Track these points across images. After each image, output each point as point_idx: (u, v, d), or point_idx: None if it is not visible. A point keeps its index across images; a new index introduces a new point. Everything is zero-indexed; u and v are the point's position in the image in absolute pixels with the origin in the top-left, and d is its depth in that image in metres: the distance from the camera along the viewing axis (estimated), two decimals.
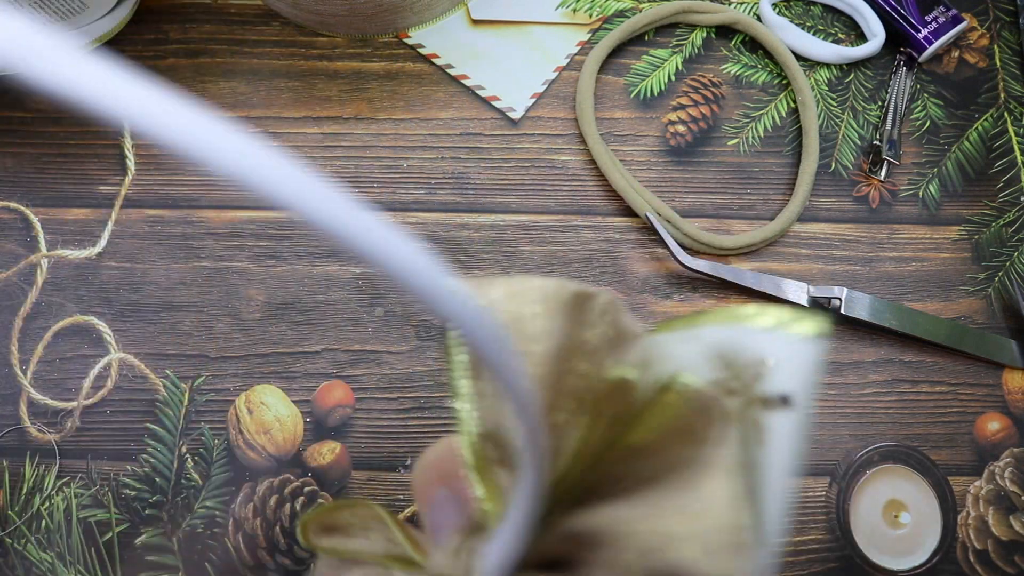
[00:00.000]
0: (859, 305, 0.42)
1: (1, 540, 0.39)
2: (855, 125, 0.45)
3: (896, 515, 0.41)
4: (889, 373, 0.42)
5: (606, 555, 0.15)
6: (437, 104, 0.45)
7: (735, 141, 0.45)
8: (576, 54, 0.46)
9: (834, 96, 0.46)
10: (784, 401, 0.15)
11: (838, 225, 0.44)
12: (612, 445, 0.16)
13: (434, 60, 0.45)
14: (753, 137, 0.45)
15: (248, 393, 0.41)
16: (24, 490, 0.39)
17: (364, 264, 0.41)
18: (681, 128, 0.45)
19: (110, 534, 0.39)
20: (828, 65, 0.46)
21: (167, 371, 0.41)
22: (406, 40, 0.45)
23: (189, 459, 0.40)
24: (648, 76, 0.46)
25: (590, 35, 0.46)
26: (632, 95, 0.45)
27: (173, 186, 0.43)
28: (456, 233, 0.43)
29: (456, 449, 0.17)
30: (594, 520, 0.15)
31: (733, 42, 0.46)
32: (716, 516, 0.14)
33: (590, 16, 0.46)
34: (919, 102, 0.46)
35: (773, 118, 0.45)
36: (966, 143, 0.46)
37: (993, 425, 0.42)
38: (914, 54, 0.46)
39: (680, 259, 0.41)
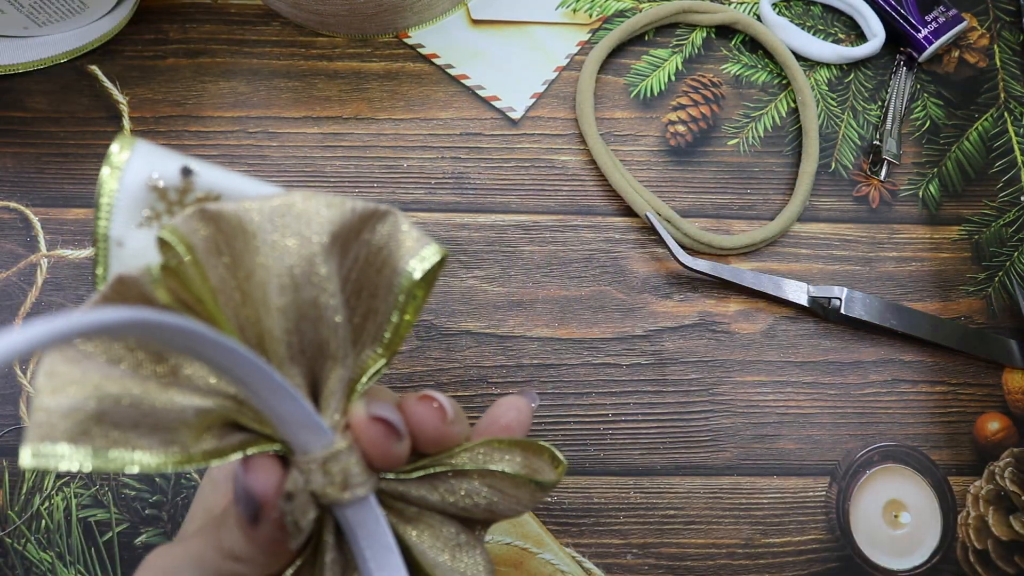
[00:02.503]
0: (859, 305, 0.42)
1: (1, 540, 0.39)
2: (855, 125, 0.45)
3: (896, 515, 0.41)
4: (889, 373, 0.42)
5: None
6: (437, 104, 0.45)
7: (735, 141, 0.45)
8: (576, 54, 0.46)
9: (834, 96, 0.46)
10: (187, 172, 0.20)
11: (838, 225, 0.44)
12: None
13: (434, 60, 0.45)
14: (753, 137, 0.45)
15: None
16: (24, 490, 0.39)
17: None
18: (681, 128, 0.45)
19: (110, 534, 0.39)
20: (828, 65, 0.46)
21: None
22: (406, 40, 0.45)
23: None
24: (648, 76, 0.46)
25: (590, 35, 0.46)
26: (632, 95, 0.45)
27: None
28: (456, 233, 0.43)
29: None
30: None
31: (733, 42, 0.46)
32: (322, 205, 0.19)
33: (590, 16, 0.46)
34: (919, 102, 0.46)
35: (773, 118, 0.45)
36: (966, 143, 0.46)
37: (993, 425, 0.42)
38: (914, 54, 0.46)
39: (680, 259, 0.41)
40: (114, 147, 0.19)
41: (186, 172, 0.19)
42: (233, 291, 0.19)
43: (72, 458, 0.16)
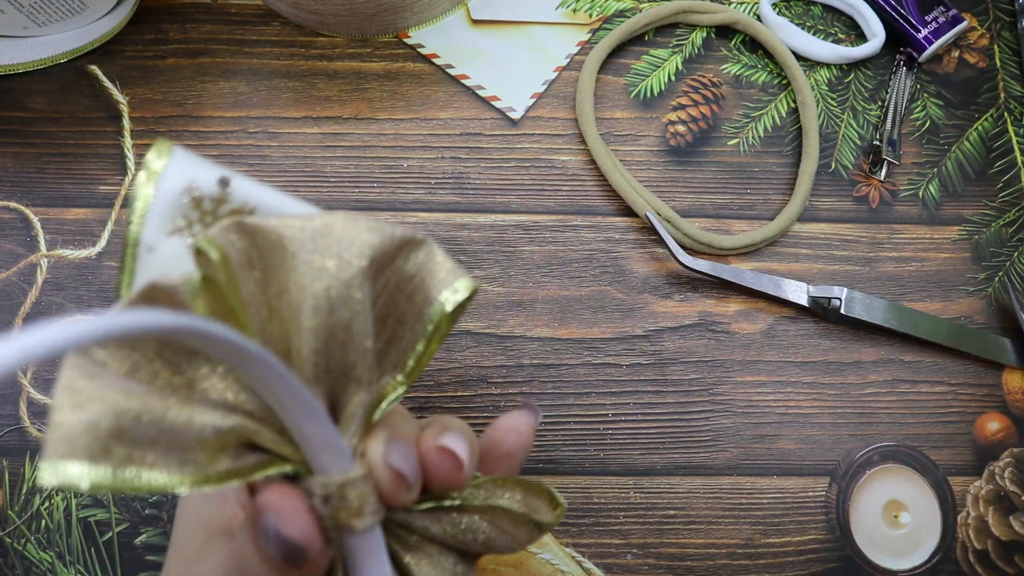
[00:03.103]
0: (859, 305, 0.42)
1: (1, 540, 0.39)
2: (855, 125, 0.45)
3: (896, 515, 0.41)
4: (889, 373, 0.42)
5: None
6: (437, 104, 0.45)
7: (735, 141, 0.45)
8: (576, 54, 0.46)
9: (834, 96, 0.46)
10: (224, 182, 0.19)
11: (838, 225, 0.44)
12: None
13: (434, 60, 0.45)
14: (753, 137, 0.45)
15: None
16: (24, 490, 0.39)
17: None
18: (681, 128, 0.45)
19: (110, 534, 0.39)
20: (828, 65, 0.46)
21: None
22: (406, 40, 0.45)
23: None
24: (648, 76, 0.46)
25: (590, 35, 0.46)
26: (632, 95, 0.45)
27: None
28: (456, 233, 0.43)
29: None
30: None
31: (733, 42, 0.46)
32: (362, 229, 0.19)
33: (590, 16, 0.46)
34: (919, 102, 0.46)
35: (773, 118, 0.45)
36: (966, 143, 0.46)
37: (993, 425, 0.42)
38: (914, 54, 0.46)
39: (680, 259, 0.41)
40: (151, 153, 0.19)
41: (223, 183, 0.19)
42: (261, 306, 0.19)
43: (91, 476, 0.16)
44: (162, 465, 0.17)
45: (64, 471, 0.15)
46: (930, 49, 0.45)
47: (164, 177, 0.19)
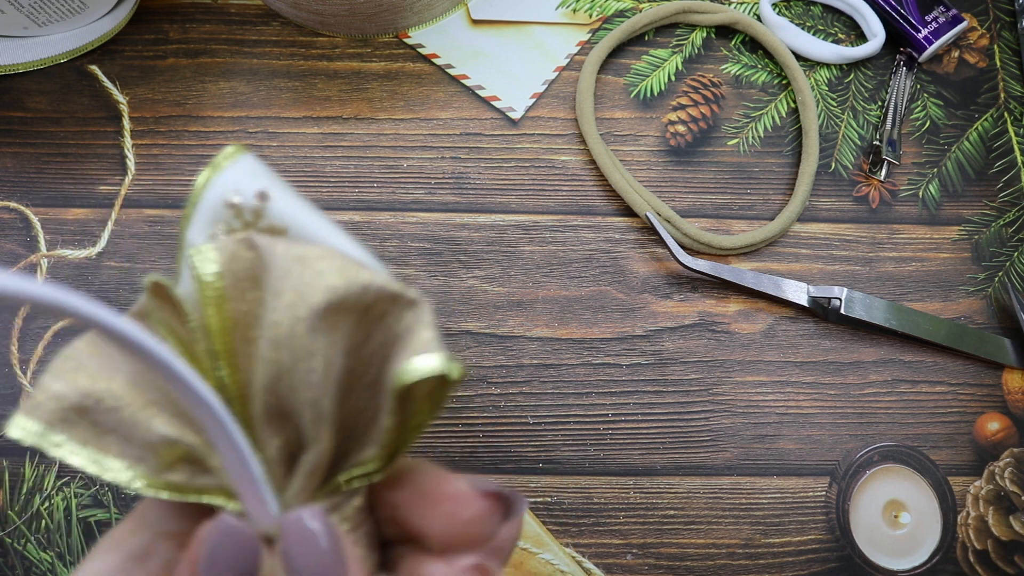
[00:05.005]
0: (859, 305, 0.42)
1: (1, 540, 0.39)
2: (855, 125, 0.45)
3: (896, 515, 0.41)
4: (889, 373, 0.42)
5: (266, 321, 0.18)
6: (437, 104, 0.45)
7: (735, 141, 0.45)
8: (576, 54, 0.46)
9: (834, 96, 0.46)
10: (263, 196, 0.19)
11: (838, 225, 0.44)
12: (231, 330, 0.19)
13: (434, 60, 0.45)
14: (753, 137, 0.45)
15: None
16: (24, 490, 0.39)
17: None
18: (681, 128, 0.45)
19: None
20: (828, 65, 0.46)
21: None
22: (406, 40, 0.45)
23: None
24: (648, 76, 0.46)
25: (590, 35, 0.46)
26: (632, 95, 0.45)
27: (173, 186, 0.43)
28: (456, 233, 0.43)
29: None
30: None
31: (733, 42, 0.46)
32: (333, 268, 0.18)
33: (590, 16, 0.46)
34: (919, 102, 0.46)
35: (773, 118, 0.45)
36: (966, 143, 0.46)
37: (993, 425, 0.42)
38: (914, 54, 0.46)
39: (680, 259, 0.41)
40: (221, 154, 0.19)
41: (262, 197, 0.19)
42: (247, 328, 0.18)
43: (47, 440, 0.17)
44: (117, 455, 0.17)
45: (25, 426, 0.17)
46: (930, 49, 0.45)
47: (218, 179, 0.19)
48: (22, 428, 0.17)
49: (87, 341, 0.18)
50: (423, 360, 0.17)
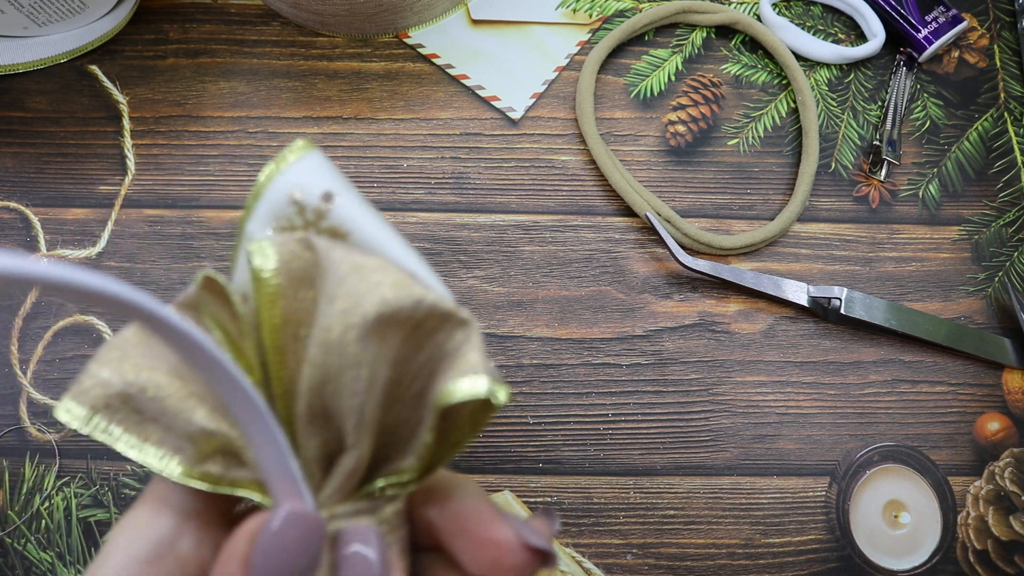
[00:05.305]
0: (859, 305, 0.42)
1: (1, 540, 0.39)
2: (855, 125, 0.45)
3: (896, 515, 0.41)
4: (889, 373, 0.42)
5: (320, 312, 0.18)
6: (437, 104, 0.45)
7: (735, 141, 0.45)
8: (576, 54, 0.46)
9: (834, 96, 0.46)
10: (328, 197, 0.19)
11: (838, 225, 0.44)
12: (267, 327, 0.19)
13: (434, 60, 0.45)
14: (753, 137, 0.45)
15: None
16: (24, 490, 0.39)
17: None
18: (681, 128, 0.45)
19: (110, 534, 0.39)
20: (828, 65, 0.46)
21: None
22: (406, 40, 0.45)
23: None
24: (648, 76, 0.46)
25: (590, 35, 0.46)
26: (632, 95, 0.45)
27: (173, 186, 0.43)
28: (456, 233, 0.43)
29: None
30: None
31: (733, 42, 0.46)
32: (388, 281, 0.18)
33: (590, 16, 0.46)
34: (919, 102, 0.46)
35: (773, 118, 0.45)
36: (966, 143, 0.46)
37: (993, 425, 0.42)
38: (914, 54, 0.46)
39: (680, 259, 0.41)
40: (288, 148, 0.19)
41: (327, 197, 0.19)
42: (298, 327, 0.18)
43: (92, 425, 0.18)
44: (157, 442, 0.18)
45: (72, 411, 0.18)
46: (930, 49, 0.45)
47: (283, 175, 0.19)
48: (69, 412, 0.18)
49: (133, 331, 0.18)
50: (469, 382, 0.17)
